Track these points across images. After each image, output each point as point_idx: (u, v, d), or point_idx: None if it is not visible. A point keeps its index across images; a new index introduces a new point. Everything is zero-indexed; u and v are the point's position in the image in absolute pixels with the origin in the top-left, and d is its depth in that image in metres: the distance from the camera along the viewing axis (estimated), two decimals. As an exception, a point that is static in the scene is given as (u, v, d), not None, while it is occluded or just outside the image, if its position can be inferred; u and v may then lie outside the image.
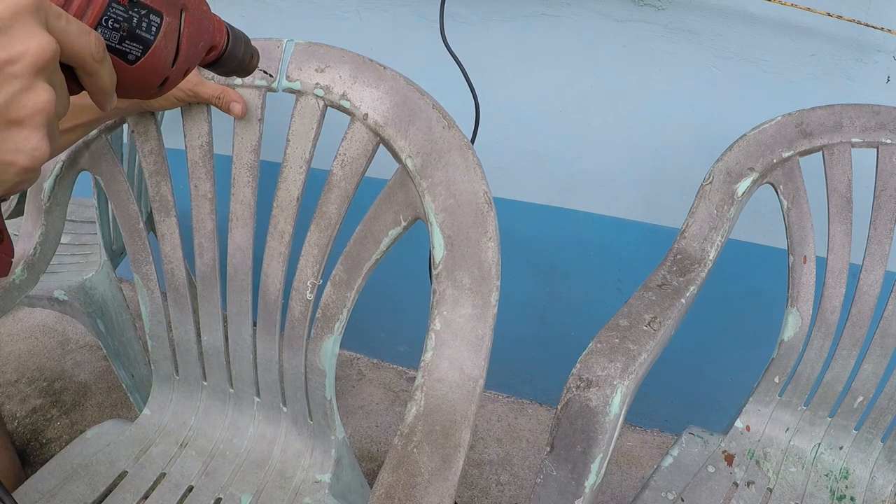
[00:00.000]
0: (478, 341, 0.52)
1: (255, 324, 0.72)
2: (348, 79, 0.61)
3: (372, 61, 0.60)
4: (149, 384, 0.86)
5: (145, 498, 0.68)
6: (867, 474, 0.79)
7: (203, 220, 0.70)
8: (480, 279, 0.53)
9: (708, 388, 1.29)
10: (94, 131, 0.70)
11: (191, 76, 0.64)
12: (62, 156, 0.71)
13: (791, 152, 0.76)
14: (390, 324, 1.50)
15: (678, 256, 0.75)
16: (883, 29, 0.84)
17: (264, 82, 0.64)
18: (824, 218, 0.77)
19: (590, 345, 0.54)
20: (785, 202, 0.77)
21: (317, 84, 0.62)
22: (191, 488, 0.70)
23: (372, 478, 1.15)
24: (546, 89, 1.06)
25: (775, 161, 0.76)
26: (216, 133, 0.67)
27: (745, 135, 0.77)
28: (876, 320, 0.77)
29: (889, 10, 0.84)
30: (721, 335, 1.21)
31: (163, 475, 0.71)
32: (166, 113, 0.90)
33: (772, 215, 1.03)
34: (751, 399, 0.84)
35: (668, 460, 0.78)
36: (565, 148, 1.11)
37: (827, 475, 0.79)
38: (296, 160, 0.64)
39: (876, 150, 0.76)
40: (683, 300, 0.66)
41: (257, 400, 0.77)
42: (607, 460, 0.50)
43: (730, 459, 0.79)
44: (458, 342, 0.52)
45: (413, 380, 0.96)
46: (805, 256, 0.78)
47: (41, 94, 0.27)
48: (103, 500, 0.67)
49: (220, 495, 0.70)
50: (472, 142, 0.84)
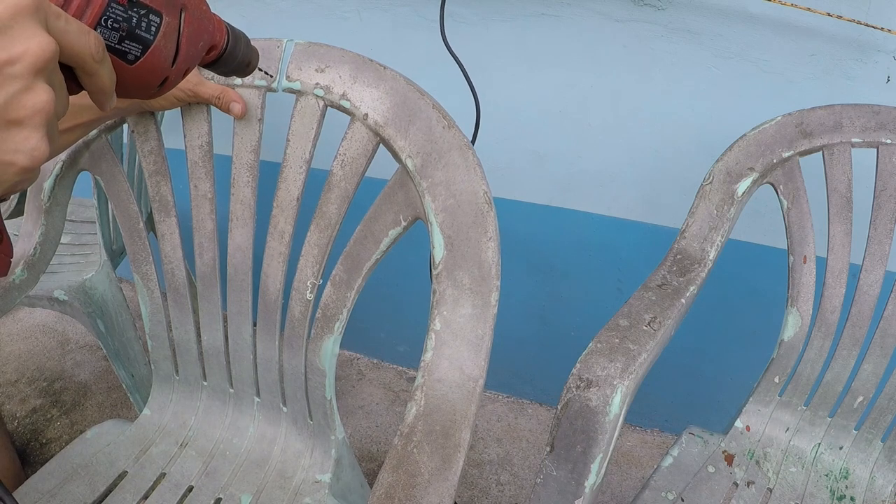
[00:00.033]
0: (478, 341, 0.52)
1: (255, 324, 0.72)
2: (348, 79, 0.61)
3: (372, 61, 0.60)
4: (149, 384, 0.86)
5: (145, 498, 0.68)
6: (867, 474, 0.79)
7: (203, 220, 0.70)
8: (480, 279, 0.53)
9: (708, 388, 1.29)
10: (94, 131, 0.70)
11: (191, 76, 0.64)
12: (62, 156, 0.71)
13: (791, 152, 0.76)
14: (390, 324, 1.50)
15: (678, 256, 0.75)
16: (883, 29, 0.84)
17: (264, 82, 0.64)
18: (824, 218, 0.77)
19: (590, 345, 0.54)
20: (785, 202, 0.77)
21: (317, 84, 0.62)
22: (191, 488, 0.70)
23: (372, 478, 1.15)
24: (546, 89, 1.06)
25: (775, 161, 0.76)
26: (216, 133, 0.67)
27: (745, 135, 0.77)
28: (876, 320, 0.77)
29: (889, 10, 0.84)
30: (721, 335, 1.21)
31: (163, 475, 0.71)
32: (166, 113, 0.90)
33: (772, 215, 1.03)
34: (751, 399, 0.84)
35: (668, 460, 0.78)
36: (565, 148, 1.11)
37: (827, 475, 0.79)
38: (296, 160, 0.64)
39: (876, 150, 0.76)
40: (683, 300, 0.66)
41: (257, 400, 0.77)
42: (607, 460, 0.50)
43: (730, 459, 0.79)
44: (458, 342, 0.52)
45: (413, 380, 0.96)
46: (805, 256, 0.78)
47: (41, 95, 0.27)
48: (103, 500, 0.67)
49: (220, 495, 0.70)
50: (473, 142, 0.84)
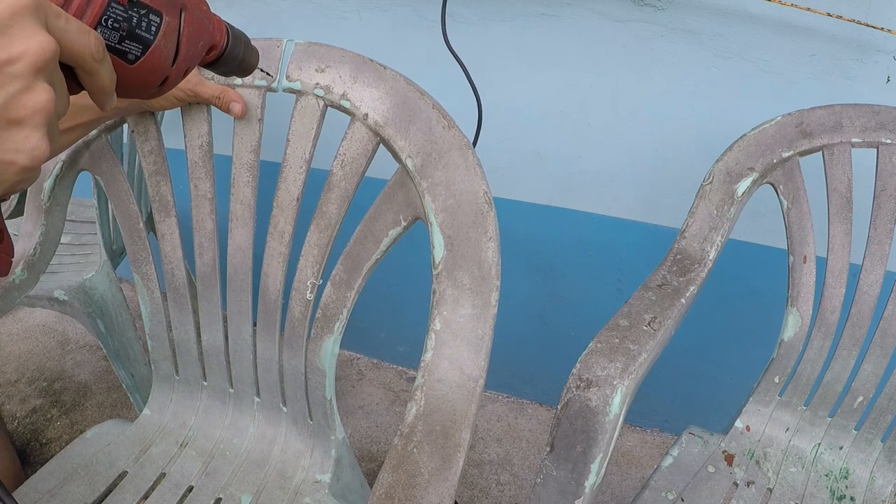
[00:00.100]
0: (478, 341, 0.52)
1: (255, 324, 0.72)
2: (348, 79, 0.61)
3: (372, 61, 0.60)
4: (149, 384, 0.86)
5: (145, 498, 0.68)
6: (867, 474, 0.79)
7: (203, 220, 0.70)
8: (480, 279, 0.53)
9: (708, 388, 1.29)
10: (94, 131, 0.70)
11: (191, 76, 0.64)
12: (62, 156, 0.71)
13: (791, 152, 0.76)
14: (390, 324, 1.50)
15: (678, 256, 0.75)
16: (883, 29, 0.84)
17: (264, 82, 0.64)
18: (824, 218, 0.77)
19: (590, 345, 0.54)
20: (785, 202, 0.77)
21: (317, 84, 0.62)
22: (191, 488, 0.70)
23: (372, 478, 1.15)
24: (546, 89, 1.06)
25: (775, 161, 0.76)
26: (216, 133, 0.67)
27: (745, 135, 0.77)
28: (876, 320, 0.77)
29: (889, 10, 0.84)
30: (721, 335, 1.21)
31: (163, 475, 0.71)
32: (166, 113, 0.90)
33: (772, 215, 1.03)
34: (751, 399, 0.84)
35: (668, 460, 0.78)
36: (565, 148, 1.11)
37: (827, 475, 0.79)
38: (296, 160, 0.64)
39: (876, 150, 0.76)
40: (683, 300, 0.66)
41: (257, 400, 0.77)
42: (607, 460, 0.50)
43: (730, 459, 0.79)
44: (458, 342, 0.52)
45: (413, 380, 0.96)
46: (805, 256, 0.78)
47: (41, 94, 0.27)
48: (103, 500, 0.67)
49: (220, 495, 0.70)
50: (475, 142, 0.84)
